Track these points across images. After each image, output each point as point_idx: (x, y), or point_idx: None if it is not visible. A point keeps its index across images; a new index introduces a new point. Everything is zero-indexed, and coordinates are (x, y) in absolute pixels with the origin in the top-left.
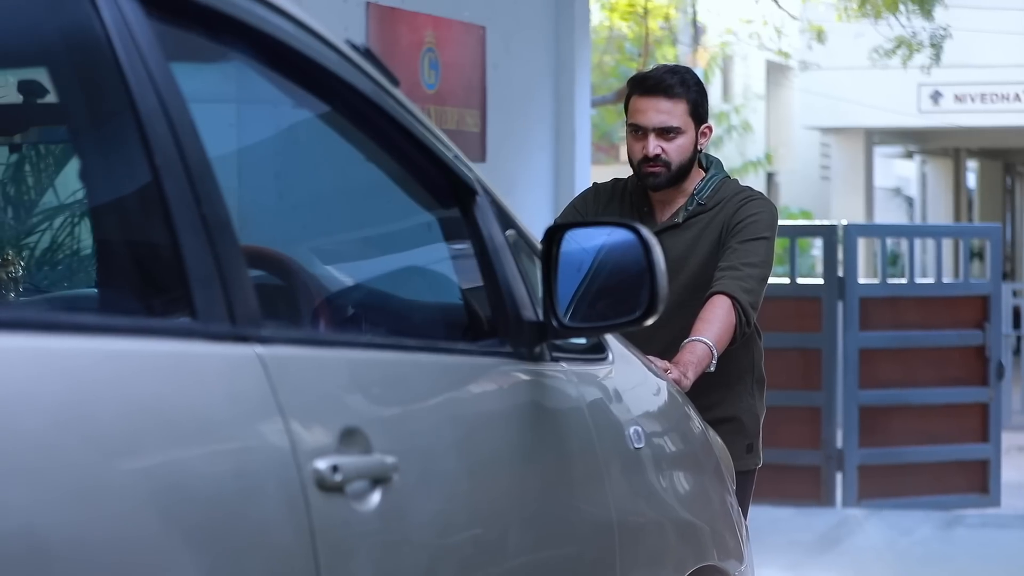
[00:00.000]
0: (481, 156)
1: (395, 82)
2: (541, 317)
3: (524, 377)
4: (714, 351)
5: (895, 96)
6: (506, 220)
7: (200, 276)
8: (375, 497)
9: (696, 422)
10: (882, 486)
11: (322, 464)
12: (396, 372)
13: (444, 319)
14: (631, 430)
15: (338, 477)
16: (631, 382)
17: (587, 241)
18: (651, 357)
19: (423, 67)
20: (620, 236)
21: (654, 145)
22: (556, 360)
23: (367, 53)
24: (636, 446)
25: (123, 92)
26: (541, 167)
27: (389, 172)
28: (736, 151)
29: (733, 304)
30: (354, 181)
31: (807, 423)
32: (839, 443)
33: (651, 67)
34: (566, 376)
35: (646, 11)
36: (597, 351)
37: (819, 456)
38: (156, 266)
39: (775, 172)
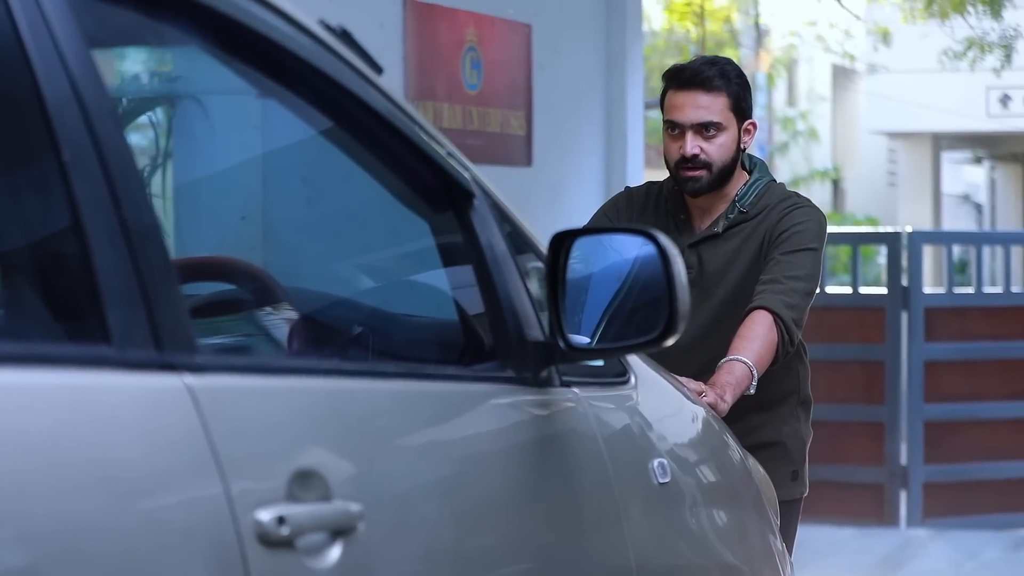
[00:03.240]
0: (527, 160)
1: (378, 69)
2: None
3: (527, 406)
4: (754, 371)
5: (963, 100)
6: (512, 227)
7: (116, 292)
8: (334, 552)
9: (735, 450)
10: (948, 505)
11: (265, 515)
12: (366, 403)
13: (434, 340)
14: (655, 463)
15: (285, 530)
16: (657, 409)
17: (626, 251)
18: (684, 379)
19: (464, 67)
20: (648, 246)
21: (692, 144)
22: (567, 385)
23: (344, 35)
24: (661, 481)
25: (25, 72)
26: (591, 172)
27: (371, 172)
28: (802, 157)
29: (775, 321)
30: (330, 182)
31: (869, 439)
32: (903, 460)
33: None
34: (578, 403)
35: (703, 11)
36: (617, 374)
37: (882, 473)
38: (61, 280)
39: (840, 178)
